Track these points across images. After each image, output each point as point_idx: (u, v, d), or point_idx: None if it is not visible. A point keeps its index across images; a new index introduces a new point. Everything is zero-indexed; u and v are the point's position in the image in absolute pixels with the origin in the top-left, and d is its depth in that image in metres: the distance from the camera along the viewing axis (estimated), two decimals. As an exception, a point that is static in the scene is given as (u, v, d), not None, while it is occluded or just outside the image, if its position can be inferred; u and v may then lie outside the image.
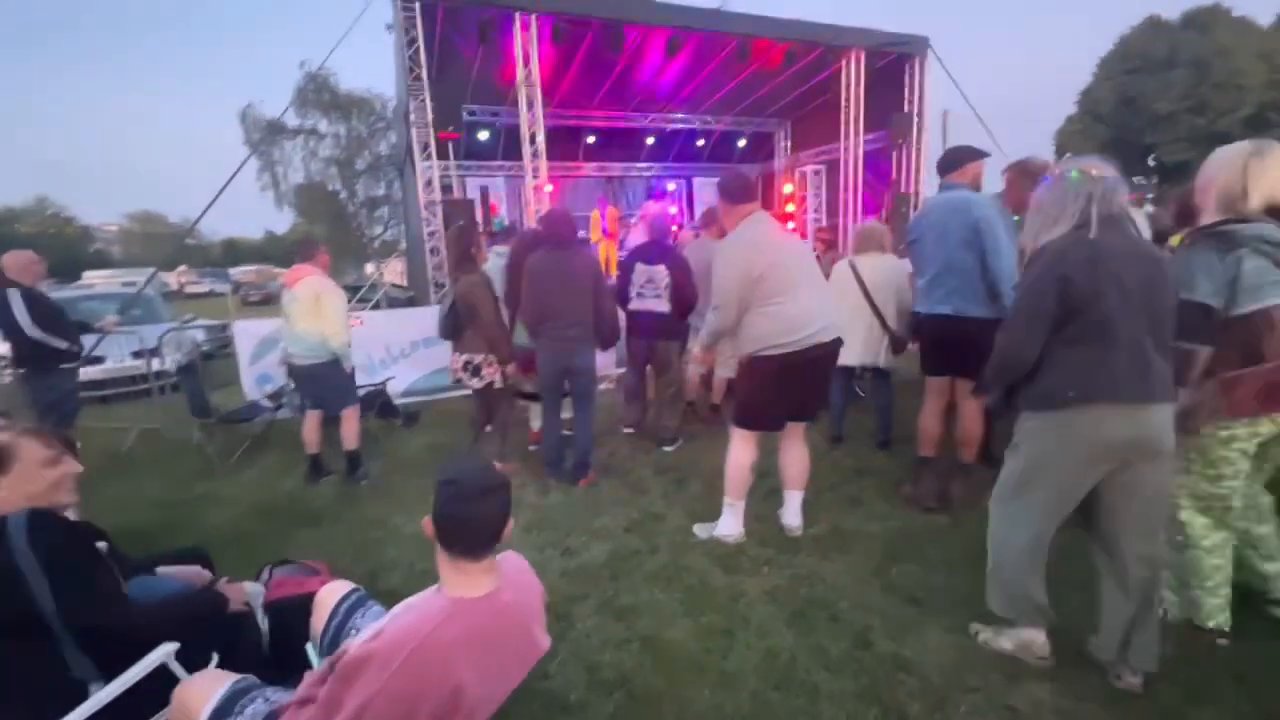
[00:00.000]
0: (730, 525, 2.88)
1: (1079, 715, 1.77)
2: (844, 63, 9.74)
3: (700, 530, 2.96)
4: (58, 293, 10.61)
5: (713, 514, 3.14)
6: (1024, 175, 2.96)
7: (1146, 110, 27.76)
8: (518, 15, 7.42)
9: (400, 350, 5.81)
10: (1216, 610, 1.99)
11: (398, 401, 5.35)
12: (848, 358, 3.92)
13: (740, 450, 2.84)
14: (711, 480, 3.60)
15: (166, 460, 4.57)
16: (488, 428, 4.08)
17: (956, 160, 3.07)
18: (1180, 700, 1.78)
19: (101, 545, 1.63)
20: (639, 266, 4.15)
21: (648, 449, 4.21)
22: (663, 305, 4.06)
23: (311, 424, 3.96)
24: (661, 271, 4.04)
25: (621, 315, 4.20)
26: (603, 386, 6.01)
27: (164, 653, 1.47)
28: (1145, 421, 1.69)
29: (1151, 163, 28.95)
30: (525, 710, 1.86)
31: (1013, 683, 1.88)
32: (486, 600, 1.26)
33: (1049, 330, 1.73)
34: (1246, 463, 1.91)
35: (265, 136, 16.99)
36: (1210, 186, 1.91)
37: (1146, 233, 2.85)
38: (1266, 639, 1.99)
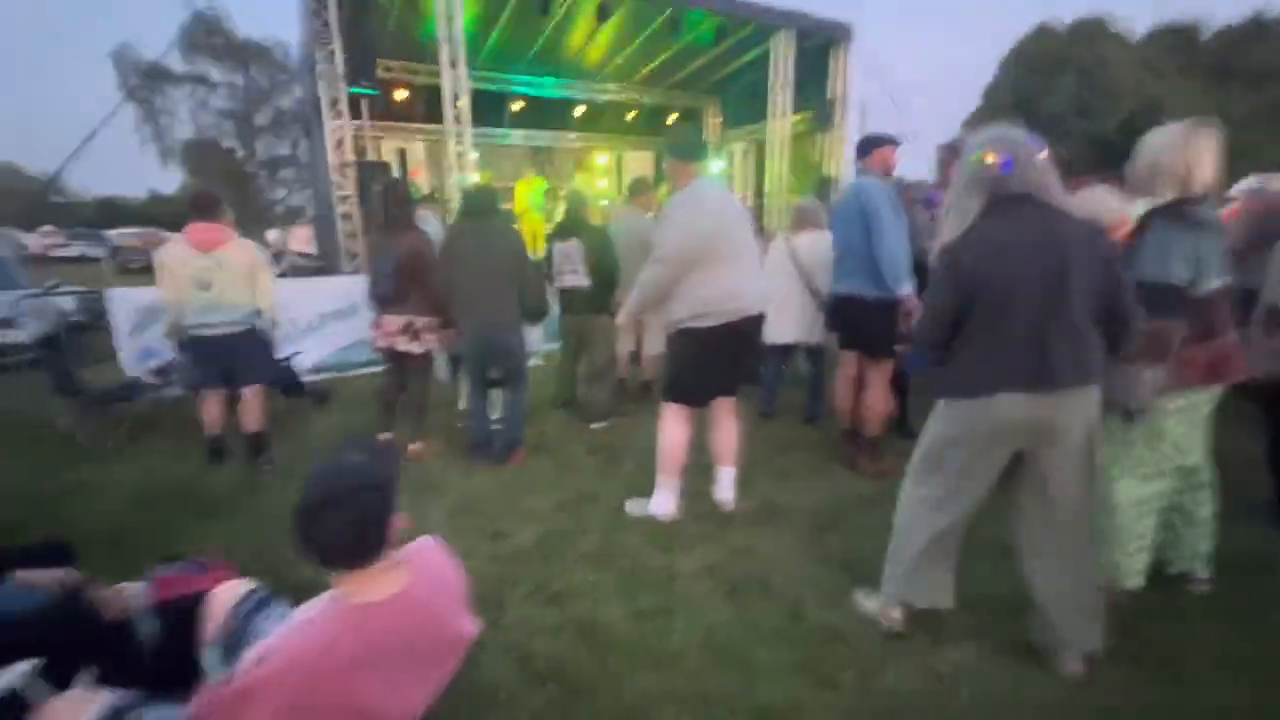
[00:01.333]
0: (664, 503, 2.85)
1: (995, 675, 1.86)
2: (773, 43, 9.80)
3: (632, 506, 2.92)
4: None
5: (646, 491, 3.09)
6: (956, 155, 3.09)
7: (1038, 110, 30.04)
8: (437, -36, 6.91)
9: (308, 323, 5.36)
10: (1134, 572, 2.10)
11: (306, 379, 4.95)
12: (782, 335, 3.99)
13: (673, 427, 2.80)
14: (644, 459, 3.54)
15: (25, 446, 3.99)
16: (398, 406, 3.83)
17: (866, 147, 3.25)
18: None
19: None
20: (556, 244, 4.16)
21: (579, 428, 4.11)
22: (582, 280, 4.03)
23: (214, 402, 3.57)
24: (574, 245, 4.01)
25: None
26: (533, 363, 5.83)
27: (18, 675, 1.25)
28: (1044, 404, 1.69)
29: (1045, 153, 31.48)
30: (451, 709, 1.74)
31: (936, 647, 1.96)
32: (392, 602, 1.13)
33: (952, 327, 1.77)
34: (1184, 430, 2.01)
35: (144, 82, 15.11)
36: (1156, 168, 1.93)
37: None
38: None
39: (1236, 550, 2.34)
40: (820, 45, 10.00)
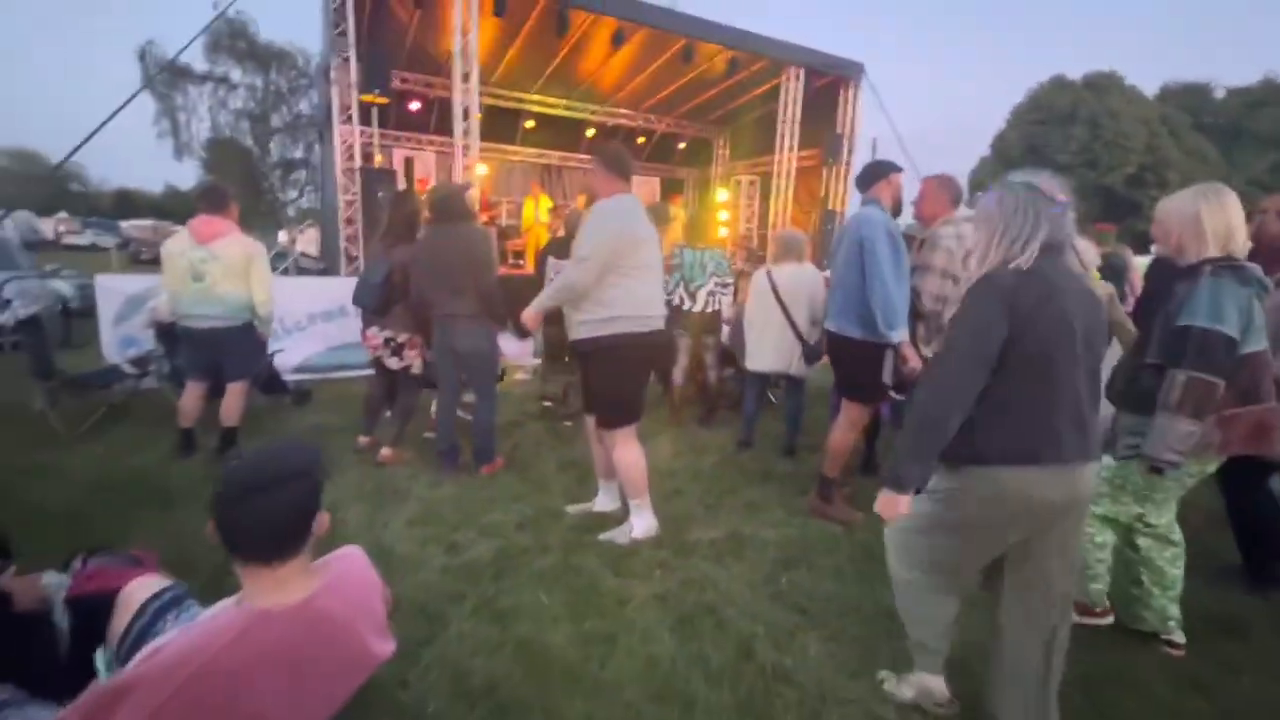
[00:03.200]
0: (648, 523, 2.81)
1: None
2: (784, 78, 9.95)
3: (616, 535, 2.80)
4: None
5: (613, 514, 3.05)
6: (942, 188, 3.03)
7: (1049, 160, 30.39)
8: (456, -19, 7.06)
9: (295, 323, 5.36)
10: (1099, 595, 2.16)
11: (288, 378, 4.92)
12: (760, 364, 3.98)
13: (630, 449, 2.76)
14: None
15: (-3, 427, 3.97)
16: (386, 413, 3.81)
17: (872, 175, 3.03)
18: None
19: None
20: (550, 260, 4.22)
21: (553, 444, 4.06)
22: None
23: (194, 394, 3.55)
24: (566, 261, 4.00)
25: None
26: (519, 376, 5.80)
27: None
28: (1078, 481, 1.49)
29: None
30: (374, 722, 1.68)
31: (883, 696, 1.89)
32: (297, 610, 1.09)
33: (986, 379, 1.46)
34: (1170, 493, 2.03)
35: (165, 77, 15.41)
36: (1196, 226, 1.92)
37: (1087, 260, 2.91)
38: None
39: (1205, 612, 2.28)
40: (831, 82, 10.14)
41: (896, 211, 3.02)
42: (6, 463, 3.38)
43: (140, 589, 1.42)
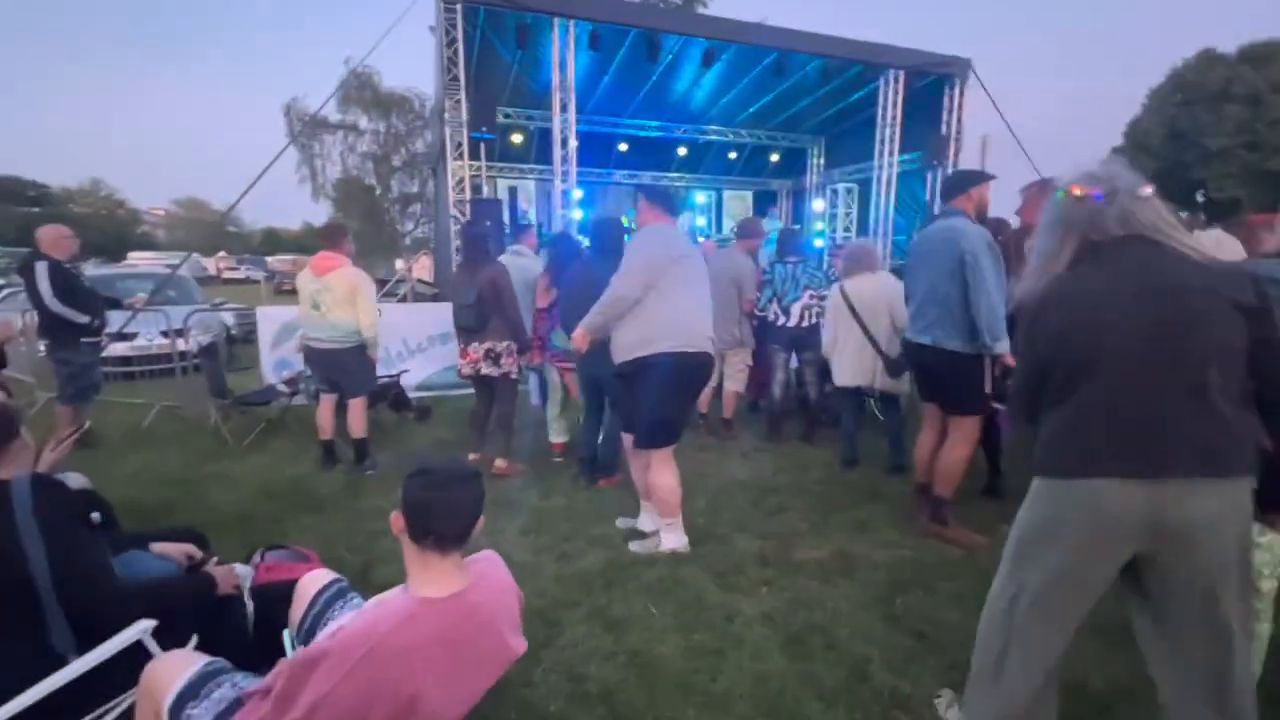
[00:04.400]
0: (676, 540, 2.85)
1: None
2: (882, 81, 9.62)
3: (637, 546, 2.88)
4: (101, 270, 11.01)
5: (715, 531, 3.08)
6: (1043, 194, 2.87)
7: (1197, 144, 26.96)
8: (556, 21, 7.49)
9: (418, 344, 5.85)
10: None
11: (411, 395, 5.38)
12: (842, 379, 3.92)
13: (666, 471, 2.81)
14: (717, 495, 3.54)
15: (183, 439, 4.66)
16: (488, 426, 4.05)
17: (960, 184, 2.97)
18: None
19: (95, 516, 1.63)
20: None
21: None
22: None
23: (326, 409, 3.99)
24: None
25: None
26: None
27: (140, 629, 1.46)
28: (1166, 501, 1.28)
29: (1200, 198, 28.09)
30: (503, 716, 1.81)
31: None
32: (453, 601, 1.22)
33: (1039, 394, 1.45)
34: None
35: (305, 129, 17.45)
36: None
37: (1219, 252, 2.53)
38: None
39: None
40: (933, 82, 9.68)
41: (980, 221, 2.94)
42: (193, 471, 3.96)
43: (312, 582, 1.63)
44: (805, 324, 4.29)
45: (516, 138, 11.04)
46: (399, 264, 17.98)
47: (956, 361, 2.81)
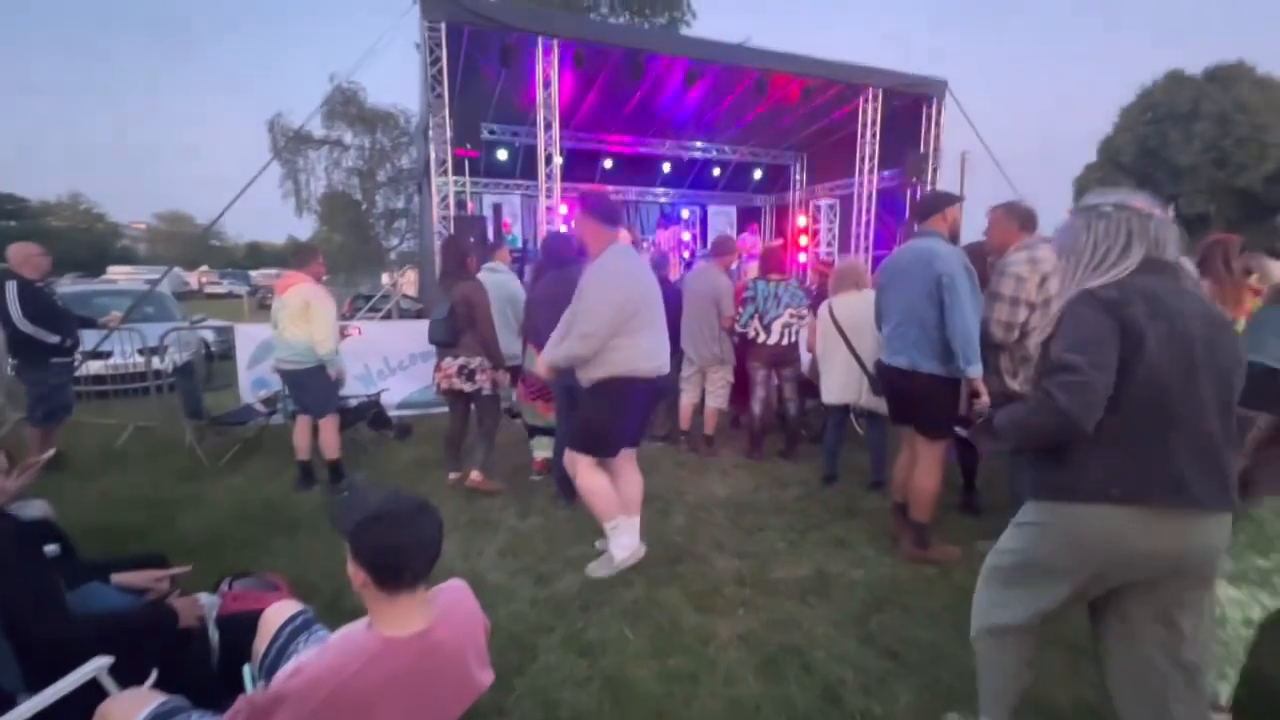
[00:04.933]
0: (628, 543, 2.82)
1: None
2: (861, 100, 9.82)
3: (596, 568, 2.82)
4: (79, 286, 10.84)
5: (694, 549, 3.07)
6: (1009, 215, 2.96)
7: (1168, 161, 27.69)
8: (540, 40, 7.57)
9: (399, 362, 5.81)
10: (1227, 694, 1.84)
11: (391, 414, 5.33)
12: (830, 396, 3.95)
13: (594, 475, 2.82)
14: (695, 512, 3.54)
15: (156, 459, 4.57)
16: (464, 444, 4.01)
17: (935, 205, 2.97)
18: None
19: (51, 549, 1.60)
20: None
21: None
22: None
23: (302, 430, 3.95)
24: None
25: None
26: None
27: (95, 666, 1.43)
28: (1196, 532, 1.32)
29: (1172, 214, 28.74)
30: (473, 748, 1.78)
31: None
32: (417, 640, 1.20)
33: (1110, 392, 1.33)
34: None
35: (289, 144, 17.38)
36: None
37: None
38: None
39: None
40: (912, 101, 9.88)
41: (953, 242, 2.97)
42: (166, 493, 3.89)
43: (277, 614, 1.61)
44: (785, 341, 4.33)
45: (501, 154, 11.10)
46: (385, 279, 17.90)
47: (931, 385, 2.80)
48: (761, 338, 4.30)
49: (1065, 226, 1.53)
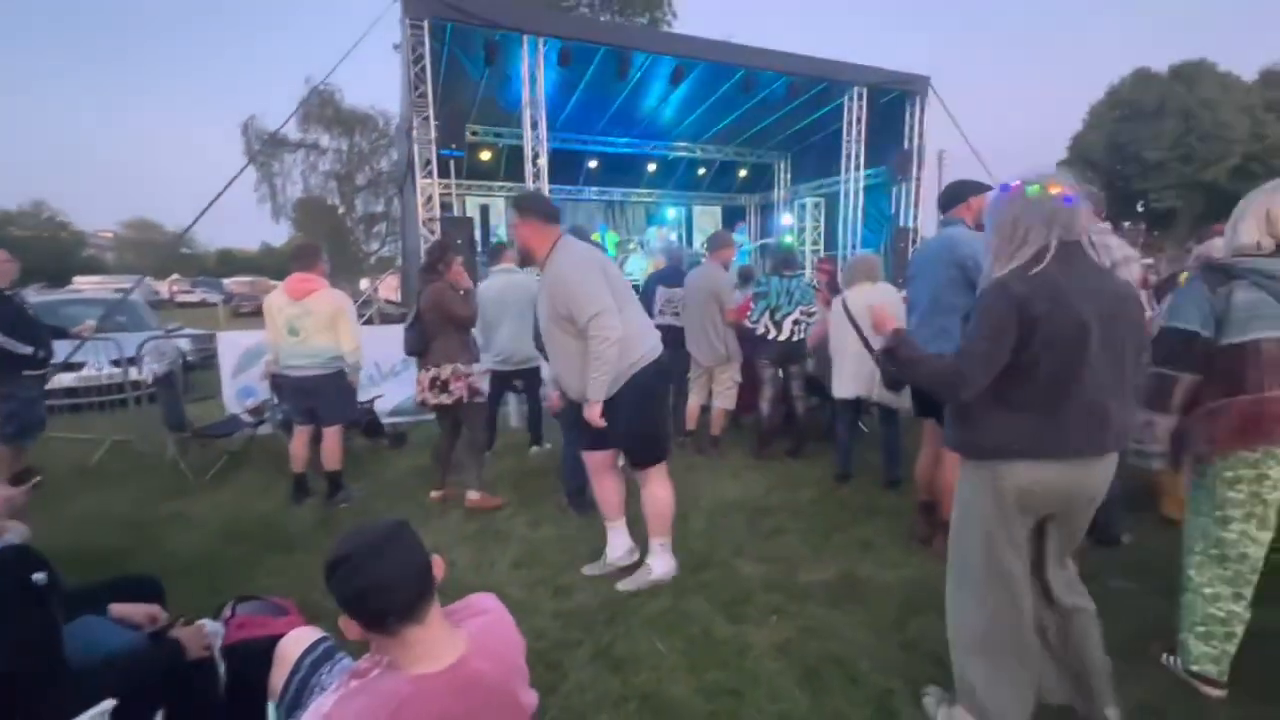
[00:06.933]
0: (666, 564, 2.73)
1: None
2: (846, 99, 9.84)
3: (626, 584, 2.67)
4: (45, 297, 10.39)
5: (715, 556, 2.96)
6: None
7: (1136, 157, 28.40)
8: (525, 38, 7.44)
9: (391, 368, 5.62)
10: (1205, 658, 1.91)
11: (385, 421, 5.15)
12: (842, 391, 3.88)
13: (664, 486, 2.71)
14: (712, 517, 3.43)
15: (137, 475, 4.34)
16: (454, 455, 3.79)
17: (958, 195, 2.92)
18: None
19: (39, 577, 1.43)
20: (660, 289, 4.67)
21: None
22: (679, 321, 4.54)
23: (301, 440, 3.76)
24: (679, 293, 4.56)
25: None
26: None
27: (99, 710, 1.28)
28: (1088, 474, 1.59)
29: (1140, 208, 29.53)
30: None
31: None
32: (450, 673, 1.07)
33: (996, 372, 1.54)
34: (1259, 507, 1.82)
35: (264, 148, 16.95)
36: (1233, 224, 1.89)
37: (1117, 257, 2.68)
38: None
39: None
40: (895, 98, 9.93)
41: (978, 230, 2.89)
42: (149, 512, 3.67)
43: (294, 644, 1.46)
44: (795, 338, 4.26)
45: (485, 155, 10.92)
46: (364, 284, 17.54)
47: None
48: (772, 334, 4.23)
49: (993, 205, 1.66)
